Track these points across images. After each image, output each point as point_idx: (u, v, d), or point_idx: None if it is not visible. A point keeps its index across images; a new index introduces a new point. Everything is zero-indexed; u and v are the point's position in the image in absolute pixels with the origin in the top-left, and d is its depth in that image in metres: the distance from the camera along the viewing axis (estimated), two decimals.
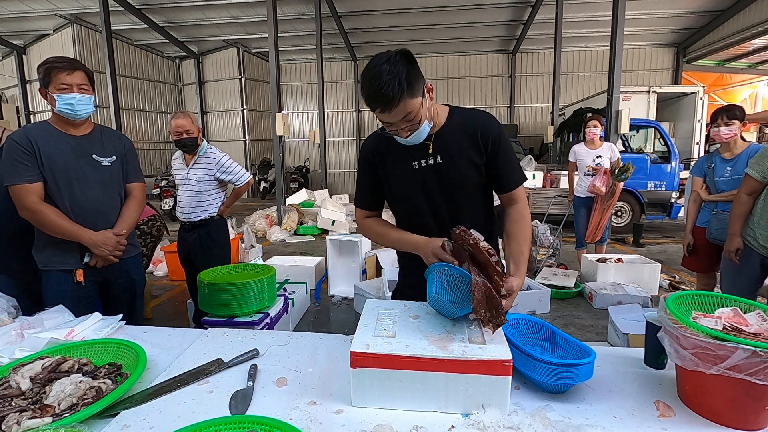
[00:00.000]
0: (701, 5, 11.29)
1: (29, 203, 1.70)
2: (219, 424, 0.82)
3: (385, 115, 1.16)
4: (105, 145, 1.88)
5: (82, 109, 1.76)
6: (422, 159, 1.31)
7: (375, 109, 1.16)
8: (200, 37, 13.67)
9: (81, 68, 1.77)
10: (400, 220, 1.45)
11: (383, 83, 1.10)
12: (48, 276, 1.81)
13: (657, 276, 4.32)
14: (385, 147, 1.36)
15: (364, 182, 1.42)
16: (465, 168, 1.31)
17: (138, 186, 2.01)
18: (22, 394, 0.97)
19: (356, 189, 1.46)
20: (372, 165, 1.39)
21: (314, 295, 4.28)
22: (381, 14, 11.88)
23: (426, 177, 1.32)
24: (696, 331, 0.88)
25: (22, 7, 11.15)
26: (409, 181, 1.34)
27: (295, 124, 15.95)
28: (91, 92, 1.80)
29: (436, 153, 1.30)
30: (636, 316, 2.99)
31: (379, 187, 1.41)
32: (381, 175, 1.38)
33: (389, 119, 1.18)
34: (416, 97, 1.16)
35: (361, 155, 1.42)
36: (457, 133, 1.31)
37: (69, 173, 1.76)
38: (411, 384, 0.93)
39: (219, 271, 2.33)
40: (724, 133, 2.84)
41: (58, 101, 1.71)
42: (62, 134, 1.79)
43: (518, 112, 14.92)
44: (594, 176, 4.45)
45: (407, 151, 1.31)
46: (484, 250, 1.02)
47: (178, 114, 2.75)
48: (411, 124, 1.19)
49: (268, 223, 8.00)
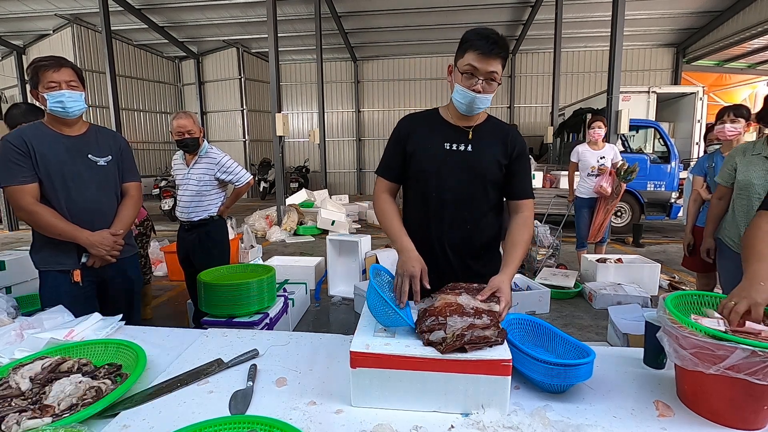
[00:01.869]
0: (701, 5, 11.29)
1: (25, 204, 1.69)
2: (219, 424, 0.82)
3: (488, 60, 1.28)
4: (100, 144, 1.87)
5: (73, 106, 1.74)
6: (455, 143, 1.42)
7: (481, 50, 1.27)
8: (200, 37, 13.67)
9: (68, 65, 1.76)
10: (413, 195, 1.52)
11: (495, 36, 1.28)
12: (45, 276, 1.80)
13: (657, 276, 4.32)
14: (420, 126, 1.47)
15: (392, 154, 1.50)
16: (490, 162, 1.43)
17: (134, 185, 2.00)
18: (21, 395, 0.97)
19: (382, 160, 1.53)
20: (402, 140, 1.47)
21: (314, 296, 4.28)
22: (381, 14, 11.88)
23: (454, 159, 1.42)
24: (695, 330, 0.88)
25: (22, 7, 11.15)
26: (436, 159, 1.42)
27: (295, 124, 15.95)
28: (81, 89, 1.78)
29: (470, 143, 1.42)
30: (636, 316, 2.99)
31: (403, 162, 1.49)
32: (409, 150, 1.46)
33: (486, 66, 1.29)
34: (503, 66, 1.32)
35: (395, 130, 1.51)
36: (492, 132, 1.46)
37: (64, 174, 1.75)
38: (411, 384, 0.93)
39: (219, 271, 2.33)
40: (729, 130, 2.83)
41: (49, 100, 1.70)
42: (57, 134, 1.77)
43: (518, 112, 14.92)
44: (600, 177, 4.45)
45: (442, 133, 1.44)
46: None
47: (180, 114, 2.74)
48: (489, 83, 1.32)
49: (268, 223, 7.99)
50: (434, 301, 1.10)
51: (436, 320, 1.00)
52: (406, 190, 1.56)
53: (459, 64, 1.34)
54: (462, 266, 1.47)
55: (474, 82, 1.31)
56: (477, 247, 1.48)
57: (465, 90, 1.33)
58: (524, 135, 14.01)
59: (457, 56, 1.35)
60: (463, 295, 1.11)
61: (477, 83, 1.31)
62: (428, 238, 1.45)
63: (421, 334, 0.99)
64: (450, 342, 0.93)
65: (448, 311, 1.03)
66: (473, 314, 1.01)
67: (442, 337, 0.95)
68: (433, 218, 1.44)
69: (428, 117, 1.50)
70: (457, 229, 1.44)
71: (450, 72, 1.41)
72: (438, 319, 1.00)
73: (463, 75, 1.32)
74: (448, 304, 1.07)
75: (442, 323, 0.98)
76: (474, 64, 1.29)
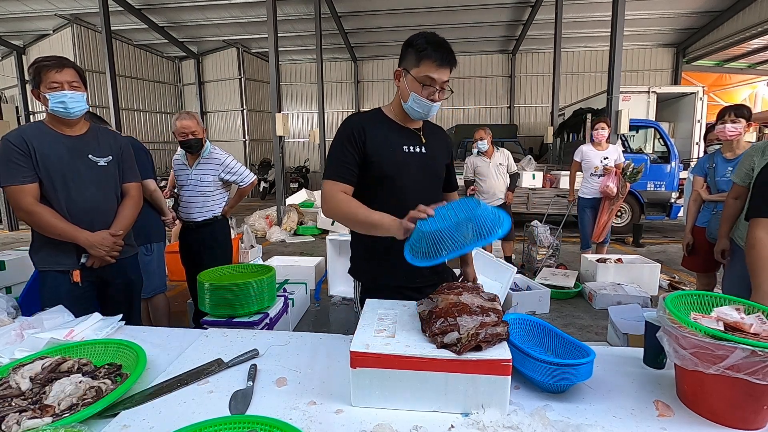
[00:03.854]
0: (701, 5, 11.29)
1: (25, 204, 1.69)
2: (219, 424, 0.82)
3: (444, 70, 1.32)
4: (101, 144, 1.87)
5: (75, 107, 1.74)
6: (413, 145, 1.44)
7: (438, 61, 1.30)
8: (200, 37, 13.67)
9: (70, 65, 1.75)
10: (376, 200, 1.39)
11: (447, 44, 1.32)
12: (45, 276, 1.80)
13: (657, 276, 4.32)
14: (373, 128, 1.41)
15: (347, 156, 1.37)
16: (441, 162, 1.54)
17: (135, 186, 2.00)
18: (22, 395, 0.97)
19: (334, 163, 1.38)
20: (357, 142, 1.37)
21: (314, 296, 4.29)
22: (381, 14, 11.88)
23: (414, 161, 1.44)
24: (695, 330, 0.88)
25: (22, 7, 11.15)
26: (399, 162, 1.41)
27: (295, 124, 15.95)
28: (83, 89, 1.77)
29: (424, 145, 1.46)
30: (635, 316, 2.99)
31: (359, 164, 1.39)
32: (368, 153, 1.38)
33: (443, 76, 1.32)
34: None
35: (346, 131, 1.39)
36: (434, 133, 1.53)
37: (65, 174, 1.75)
38: (411, 384, 0.93)
39: (219, 271, 2.33)
40: (729, 130, 2.83)
41: (51, 100, 1.69)
42: (57, 134, 1.77)
43: (518, 113, 14.92)
44: (606, 177, 4.46)
45: (398, 135, 1.44)
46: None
47: (183, 114, 2.71)
48: (444, 92, 1.36)
49: (268, 223, 7.99)
50: (437, 303, 1.09)
51: (446, 321, 0.98)
52: (362, 195, 1.40)
53: (414, 72, 1.32)
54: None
55: (432, 91, 1.33)
56: None
57: (424, 100, 1.34)
58: (524, 135, 14.14)
59: (409, 63, 1.33)
60: (465, 294, 1.11)
61: (435, 93, 1.34)
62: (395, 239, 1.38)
63: (432, 337, 0.97)
64: (465, 342, 0.92)
65: (456, 311, 1.01)
66: (480, 312, 1.01)
67: (457, 338, 0.93)
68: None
69: (377, 118, 1.45)
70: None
71: (398, 77, 1.38)
72: (448, 320, 0.98)
73: (422, 86, 1.33)
74: (453, 304, 1.05)
75: (453, 324, 0.97)
76: (432, 75, 1.30)
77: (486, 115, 15.04)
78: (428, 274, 1.46)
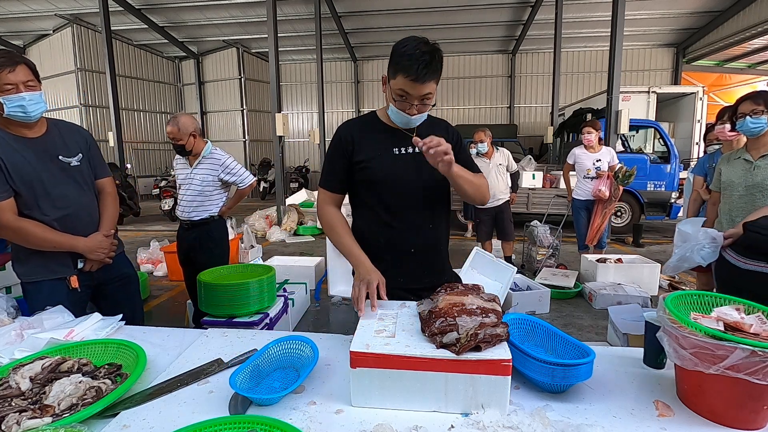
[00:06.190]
0: (701, 5, 11.29)
1: (6, 221, 1.55)
2: (219, 424, 0.82)
3: (416, 85, 1.22)
4: (68, 143, 1.72)
5: (35, 109, 1.56)
6: (403, 147, 1.40)
7: (412, 76, 1.20)
8: (200, 37, 13.67)
9: (23, 62, 1.56)
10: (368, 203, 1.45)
11: (427, 56, 1.19)
12: (38, 287, 1.69)
13: (656, 276, 4.32)
14: (360, 134, 1.42)
15: (336, 166, 1.43)
16: None
17: (108, 181, 1.90)
18: (22, 395, 0.97)
19: (325, 172, 1.46)
20: (346, 151, 1.41)
21: (314, 296, 4.28)
22: (381, 14, 11.89)
23: (406, 162, 1.40)
24: (695, 330, 0.88)
25: (22, 7, 11.16)
26: (389, 165, 1.39)
27: (295, 124, 15.95)
28: (39, 87, 1.59)
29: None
30: (635, 316, 2.99)
31: (348, 172, 1.43)
32: (356, 160, 1.40)
33: (419, 91, 1.24)
34: (437, 82, 1.26)
35: (335, 140, 1.44)
36: (432, 130, 1.41)
37: (42, 180, 1.61)
38: (410, 384, 0.93)
39: (219, 271, 2.33)
40: (729, 130, 2.83)
41: (6, 105, 1.51)
42: (19, 139, 1.60)
43: (518, 113, 14.93)
44: (598, 180, 4.46)
45: (388, 138, 1.40)
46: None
47: (171, 119, 2.75)
48: (424, 104, 1.28)
49: (268, 223, 7.99)
50: (437, 303, 1.09)
51: (446, 321, 0.98)
52: (355, 199, 1.49)
53: (392, 84, 1.27)
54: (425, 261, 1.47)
55: (408, 105, 1.27)
56: (436, 242, 1.49)
57: (400, 112, 1.30)
58: (524, 135, 14.15)
59: (389, 71, 1.28)
60: (465, 294, 1.11)
61: (411, 107, 1.27)
62: (390, 241, 1.42)
63: (432, 337, 0.97)
64: (464, 342, 0.92)
65: (455, 311, 1.02)
66: (480, 313, 1.01)
67: (456, 338, 0.93)
68: (392, 222, 1.41)
69: (368, 122, 1.45)
70: (417, 229, 1.43)
71: (384, 82, 1.35)
72: (447, 320, 0.98)
73: (396, 99, 1.28)
74: (453, 304, 1.05)
75: (452, 324, 0.97)
76: (406, 90, 1.24)
77: (486, 115, 15.05)
78: (429, 276, 1.46)
